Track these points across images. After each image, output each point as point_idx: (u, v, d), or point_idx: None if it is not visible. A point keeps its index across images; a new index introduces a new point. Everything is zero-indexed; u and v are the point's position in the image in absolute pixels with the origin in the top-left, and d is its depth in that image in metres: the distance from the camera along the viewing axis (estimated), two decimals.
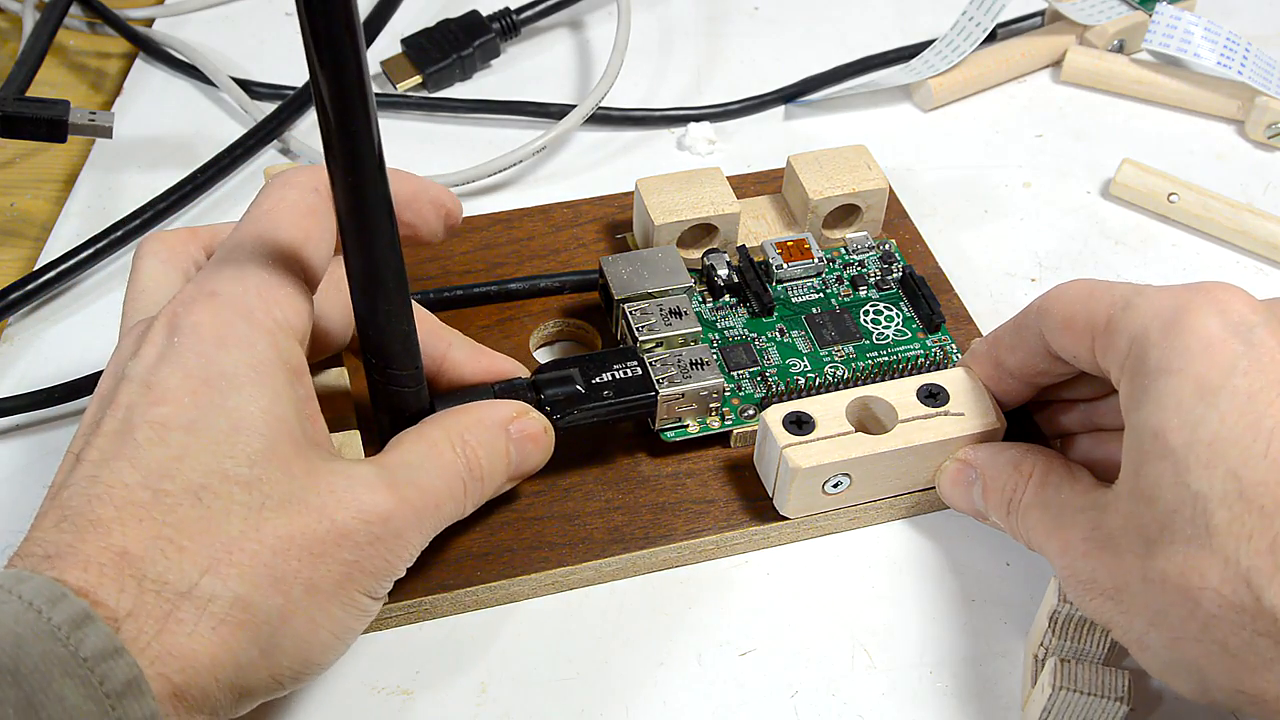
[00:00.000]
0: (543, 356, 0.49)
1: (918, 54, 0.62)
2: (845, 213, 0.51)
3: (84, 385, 0.46)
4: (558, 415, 0.41)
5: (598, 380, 0.42)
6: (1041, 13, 0.64)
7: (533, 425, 0.40)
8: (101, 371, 0.36)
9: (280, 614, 0.33)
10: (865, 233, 0.51)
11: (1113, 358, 0.37)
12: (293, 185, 0.37)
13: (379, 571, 0.35)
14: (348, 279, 0.35)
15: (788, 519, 0.44)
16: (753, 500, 0.44)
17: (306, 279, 0.36)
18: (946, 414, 0.43)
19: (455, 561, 0.42)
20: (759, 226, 0.51)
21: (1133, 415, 0.35)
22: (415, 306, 0.37)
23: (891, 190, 0.52)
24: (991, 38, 0.62)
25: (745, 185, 0.54)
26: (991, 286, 0.53)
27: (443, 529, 0.37)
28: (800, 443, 0.42)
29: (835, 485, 0.43)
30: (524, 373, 0.43)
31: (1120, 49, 0.63)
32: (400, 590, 0.41)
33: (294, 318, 0.35)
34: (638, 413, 0.43)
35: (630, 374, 0.43)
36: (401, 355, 0.37)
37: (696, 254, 0.50)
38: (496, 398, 0.41)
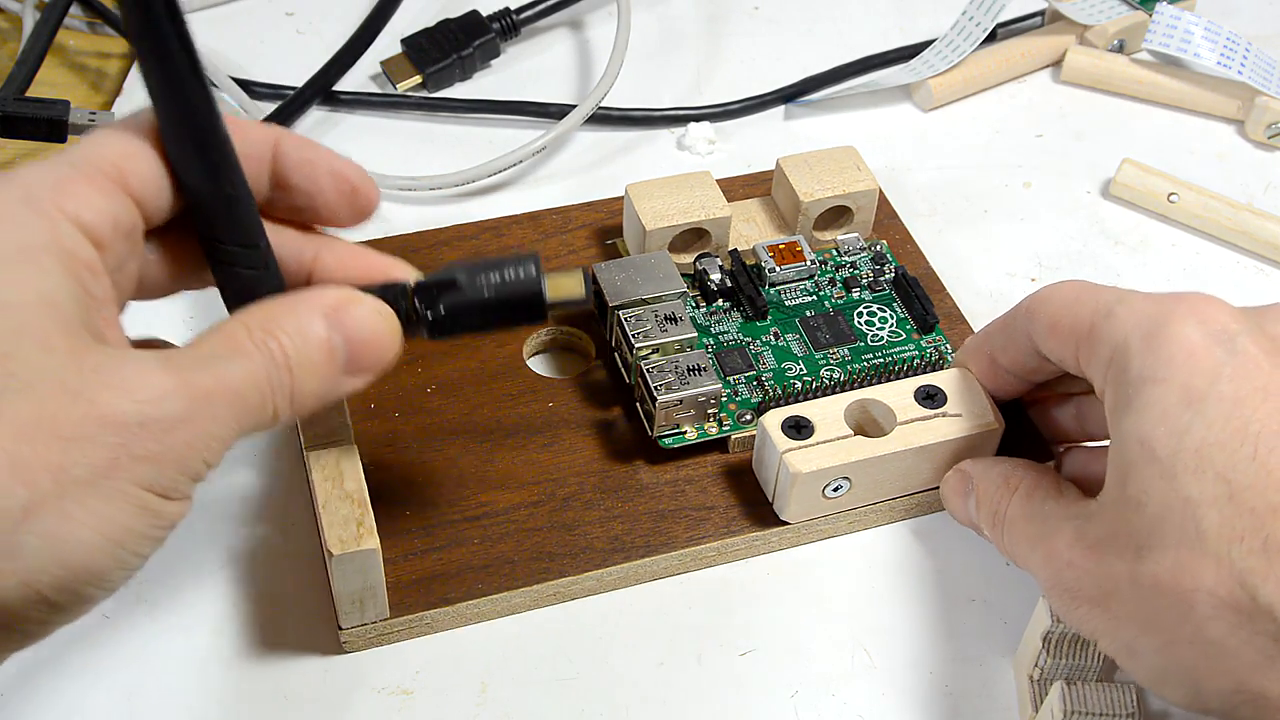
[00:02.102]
0: (536, 365, 0.49)
1: (918, 54, 0.61)
2: (836, 214, 0.51)
3: None
4: (432, 315, 0.36)
5: (482, 280, 0.36)
6: (1041, 13, 0.64)
7: (362, 311, 0.34)
8: None
9: (22, 507, 0.28)
10: (856, 234, 0.51)
11: (1096, 366, 0.37)
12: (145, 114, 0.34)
13: (158, 459, 0.30)
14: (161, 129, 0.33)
15: (788, 524, 0.44)
16: (753, 506, 0.44)
17: (129, 183, 0.32)
18: (945, 415, 0.43)
19: (456, 574, 0.42)
20: (750, 230, 0.51)
21: (1118, 423, 0.35)
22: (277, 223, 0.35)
23: (881, 191, 0.52)
24: (991, 38, 0.62)
25: (735, 188, 0.54)
26: (992, 287, 0.53)
27: (257, 425, 0.32)
28: (800, 447, 0.42)
29: (835, 489, 0.43)
30: (414, 277, 0.37)
31: (1120, 49, 0.63)
32: (401, 605, 0.41)
33: (88, 213, 0.31)
34: (523, 309, 0.37)
35: (523, 273, 0.36)
36: (228, 224, 0.34)
37: (688, 259, 0.50)
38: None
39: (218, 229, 0.34)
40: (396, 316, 0.35)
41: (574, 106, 0.57)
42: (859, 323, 0.49)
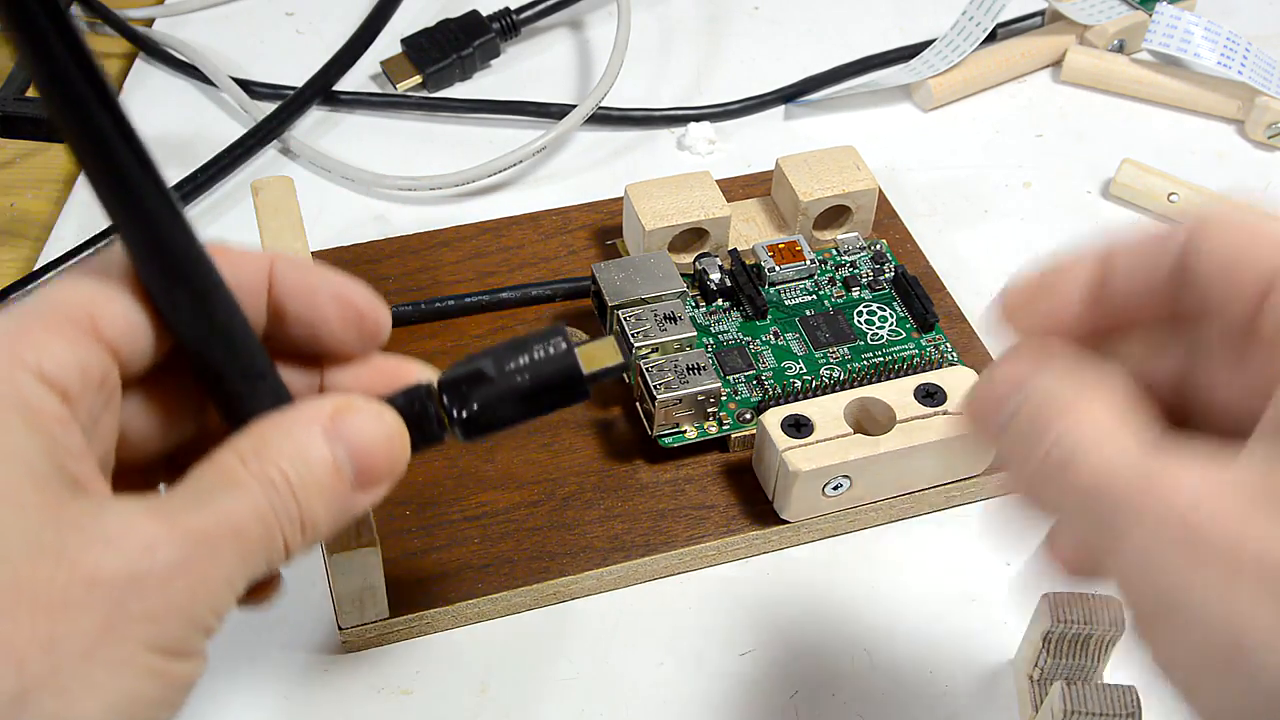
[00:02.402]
0: None
1: (918, 54, 0.61)
2: (835, 214, 0.51)
3: None
4: (465, 414, 0.32)
5: (511, 366, 0.32)
6: (1041, 13, 0.64)
7: (363, 419, 0.30)
8: None
9: (15, 694, 0.25)
10: (856, 233, 0.51)
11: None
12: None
13: (159, 615, 0.27)
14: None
15: (788, 522, 0.44)
16: (752, 504, 0.44)
17: (100, 329, 0.29)
18: (945, 413, 0.43)
19: (455, 574, 0.42)
20: (749, 229, 0.51)
21: None
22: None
23: (881, 191, 0.52)
24: (991, 38, 0.62)
25: (734, 188, 0.54)
26: (992, 287, 0.53)
27: (270, 561, 0.29)
28: (799, 446, 0.42)
29: (836, 487, 0.43)
30: (433, 376, 0.33)
31: (1120, 49, 0.63)
32: (401, 605, 0.41)
33: (50, 363, 0.28)
34: (561, 391, 0.33)
35: (553, 350, 0.32)
36: (228, 360, 0.30)
37: (688, 258, 0.50)
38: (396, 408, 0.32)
39: (216, 368, 0.30)
40: (423, 419, 0.32)
41: (574, 106, 0.57)
42: (859, 322, 0.49)
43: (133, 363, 0.30)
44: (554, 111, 0.59)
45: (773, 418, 0.43)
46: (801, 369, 0.47)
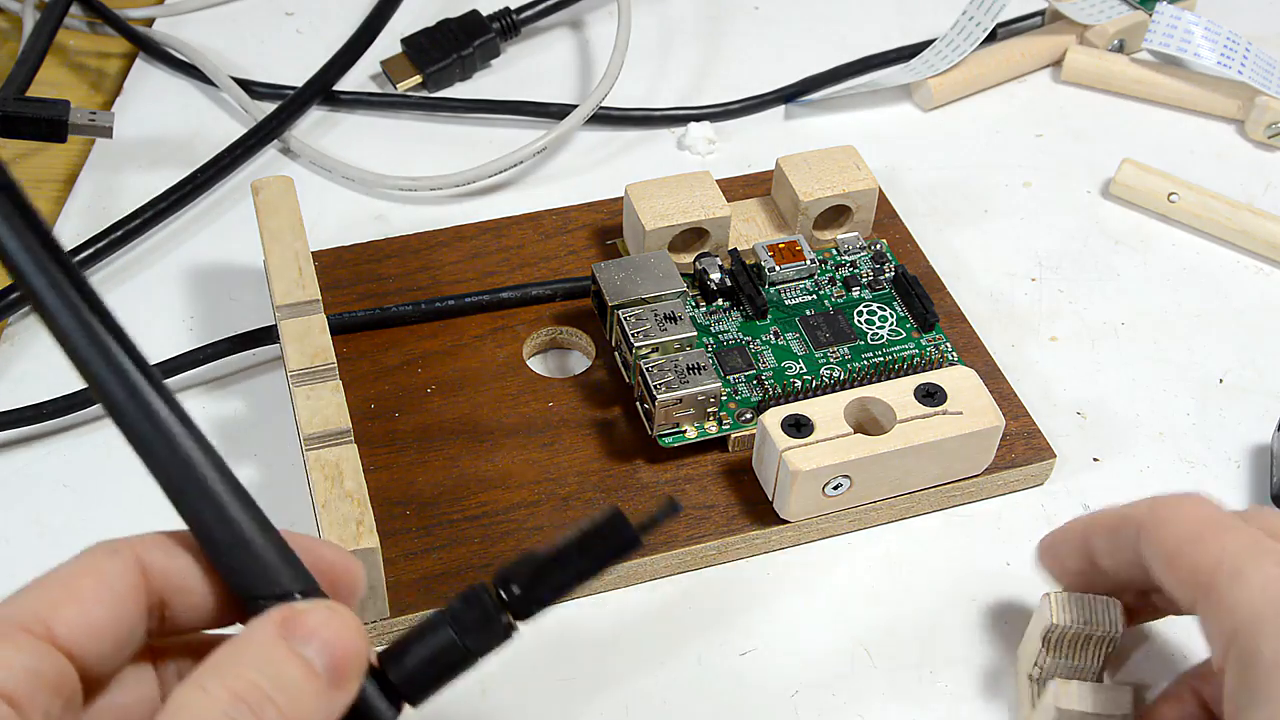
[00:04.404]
0: (536, 365, 0.49)
1: (918, 54, 0.61)
2: (835, 214, 0.51)
3: (77, 400, 0.46)
4: (519, 590, 0.31)
5: (564, 538, 0.31)
6: (1041, 13, 0.64)
7: (316, 616, 0.29)
8: None
9: None
10: (856, 233, 0.51)
11: (1216, 634, 0.32)
12: (87, 551, 0.30)
13: None
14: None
15: (788, 522, 0.44)
16: (753, 504, 0.44)
17: (55, 634, 0.28)
18: (945, 413, 0.43)
19: (456, 574, 0.42)
20: (749, 229, 0.51)
21: (1245, 713, 0.31)
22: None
23: (881, 190, 0.52)
24: (991, 38, 0.62)
25: (734, 188, 0.54)
26: (992, 287, 0.53)
27: None
28: (799, 445, 0.42)
29: (836, 487, 0.43)
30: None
31: (1120, 49, 0.63)
32: (401, 605, 0.41)
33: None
34: (612, 542, 0.31)
35: (600, 516, 0.31)
36: (259, 580, 0.30)
37: (688, 258, 0.50)
38: (453, 619, 0.31)
39: (255, 590, 0.30)
40: (485, 616, 0.31)
41: (574, 106, 0.57)
42: (859, 321, 0.49)
43: (100, 663, 0.29)
44: (554, 111, 0.59)
45: (773, 418, 0.43)
46: (801, 369, 0.47)
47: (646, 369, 0.44)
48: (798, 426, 0.42)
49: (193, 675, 0.28)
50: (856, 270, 0.50)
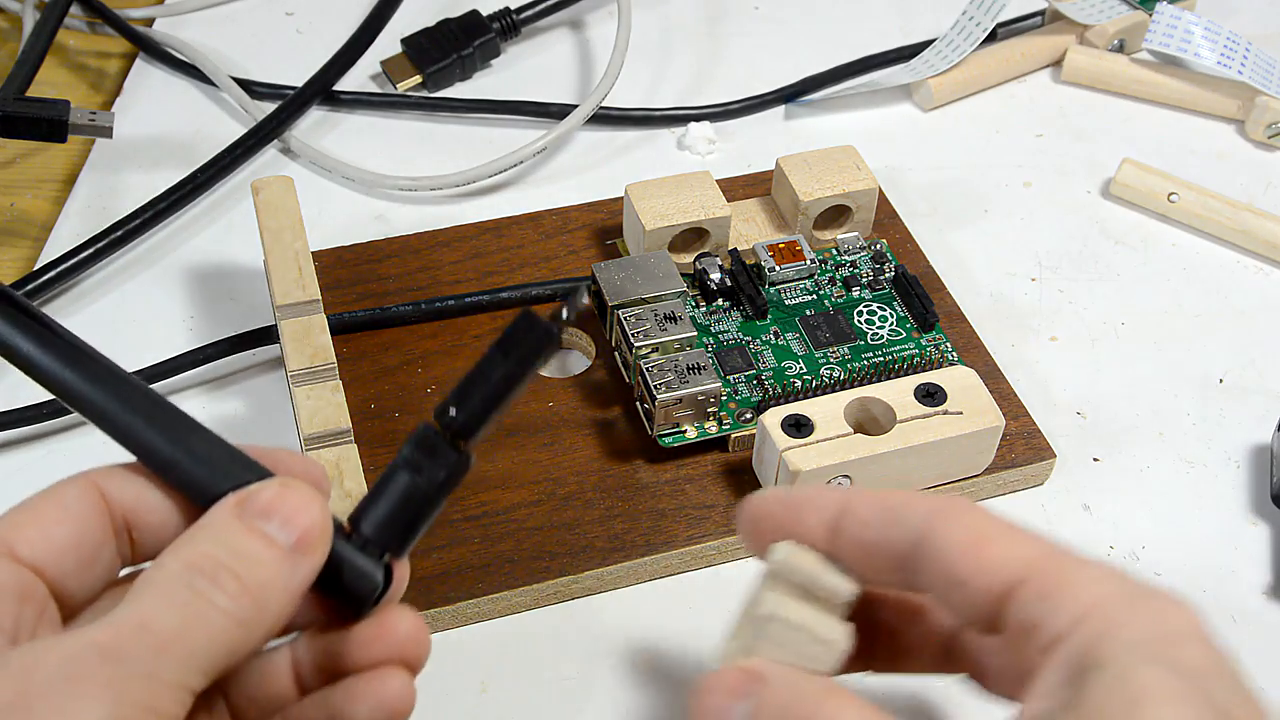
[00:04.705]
0: None
1: (918, 54, 0.61)
2: (835, 214, 0.51)
3: None
4: (456, 410, 0.31)
5: (486, 355, 0.31)
6: (1041, 13, 0.64)
7: (268, 491, 0.30)
8: None
9: None
10: (856, 233, 0.51)
11: (1029, 635, 0.30)
12: (53, 486, 0.31)
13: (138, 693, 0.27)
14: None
15: None
16: None
17: (16, 554, 0.30)
18: (945, 413, 0.43)
19: (456, 574, 0.42)
20: (750, 229, 0.51)
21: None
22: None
23: (881, 190, 0.52)
24: (991, 38, 0.62)
25: (734, 188, 0.54)
26: (992, 287, 0.53)
27: (225, 644, 0.28)
28: (800, 445, 0.42)
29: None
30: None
31: (1120, 49, 0.63)
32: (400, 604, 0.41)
33: None
34: (528, 338, 0.31)
35: (514, 323, 0.31)
36: (213, 482, 0.31)
37: (688, 258, 0.50)
38: (405, 463, 0.32)
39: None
40: (436, 449, 0.32)
41: (574, 106, 0.57)
42: (859, 321, 0.49)
43: (69, 579, 0.30)
44: (554, 111, 0.59)
45: (773, 418, 0.43)
46: (801, 369, 0.47)
47: (646, 369, 0.44)
48: (798, 426, 0.42)
49: (158, 559, 0.29)
50: (856, 270, 0.50)
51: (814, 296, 0.49)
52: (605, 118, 0.59)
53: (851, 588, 0.32)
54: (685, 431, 0.45)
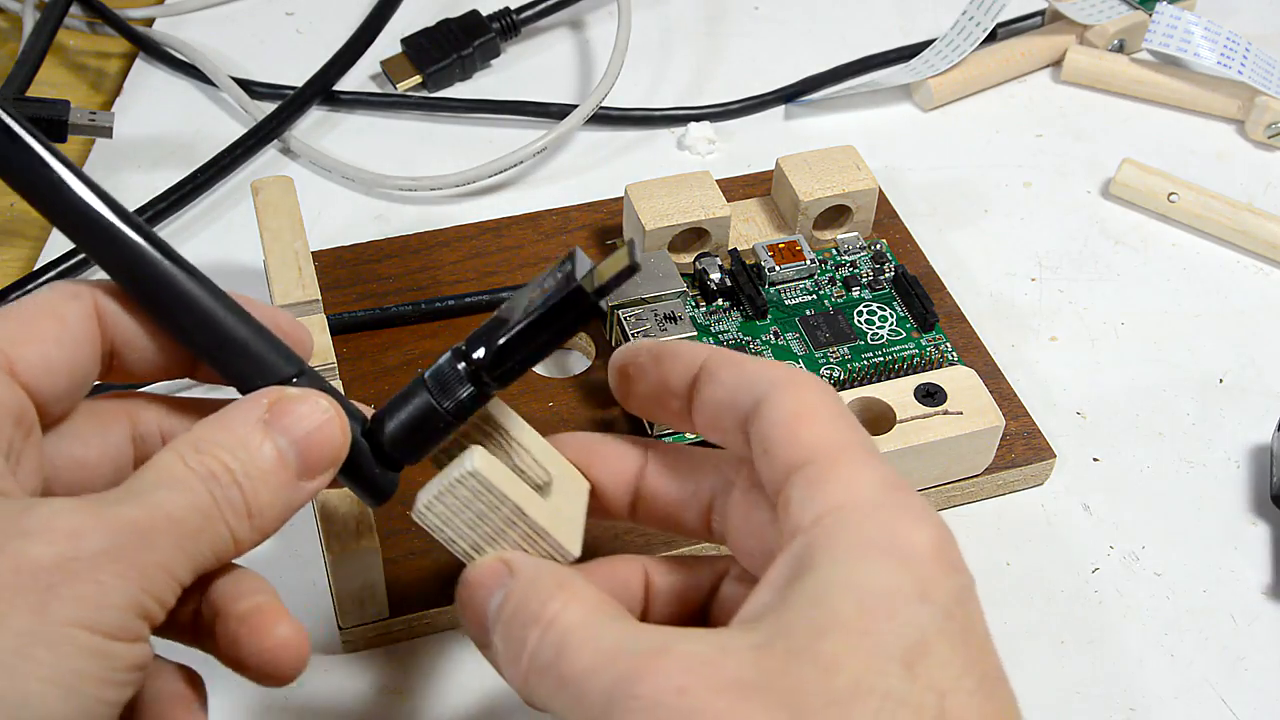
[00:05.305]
0: (536, 365, 0.49)
1: (918, 54, 0.62)
2: (835, 214, 0.51)
3: None
4: (487, 357, 0.32)
5: (527, 302, 0.32)
6: (1041, 13, 0.64)
7: (303, 408, 0.31)
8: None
9: None
10: (856, 233, 0.51)
11: (789, 517, 0.30)
12: (49, 289, 0.32)
13: (92, 599, 0.27)
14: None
15: None
16: None
17: (16, 370, 0.30)
18: (945, 413, 0.43)
19: (456, 574, 0.42)
20: (749, 229, 0.51)
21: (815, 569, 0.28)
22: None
23: (881, 190, 0.52)
24: (991, 38, 0.62)
25: (734, 188, 0.54)
26: (992, 287, 0.53)
27: (215, 549, 0.29)
28: None
29: None
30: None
31: (1120, 49, 0.63)
32: (401, 605, 0.41)
33: None
34: (571, 309, 0.32)
35: (560, 274, 0.32)
36: (252, 371, 0.32)
37: (688, 258, 0.50)
38: (423, 383, 0.33)
39: (245, 382, 0.32)
40: (452, 379, 0.32)
41: (574, 106, 0.57)
42: (859, 321, 0.49)
43: (54, 401, 0.31)
44: (554, 111, 0.59)
45: None
46: (802, 369, 0.47)
47: None
48: None
49: (181, 440, 0.30)
50: (856, 270, 0.50)
51: (814, 296, 0.49)
52: (605, 118, 0.59)
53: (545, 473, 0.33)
54: (685, 432, 0.45)
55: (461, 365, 0.32)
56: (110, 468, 0.33)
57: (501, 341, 0.32)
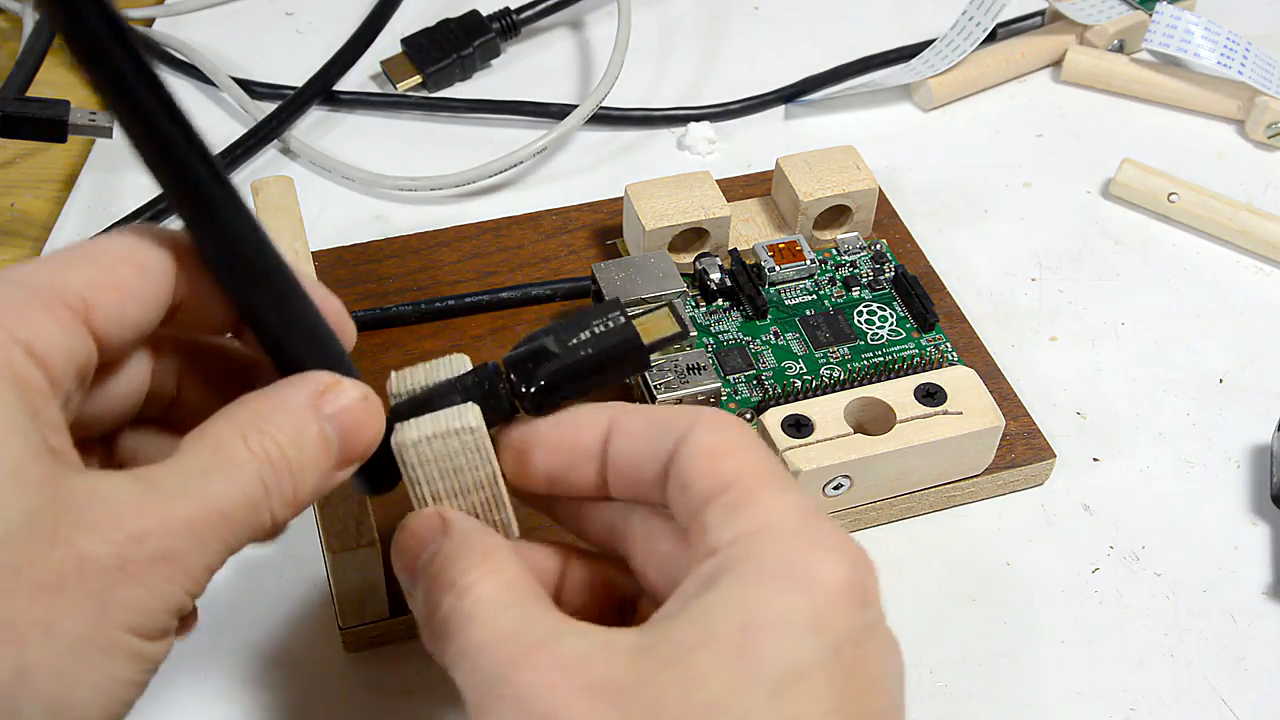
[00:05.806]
0: None
1: (918, 54, 0.62)
2: (835, 214, 0.51)
3: None
4: (533, 389, 0.33)
5: (574, 341, 0.33)
6: (1041, 13, 0.64)
7: (350, 397, 0.30)
8: None
9: (16, 671, 0.25)
10: (856, 233, 0.51)
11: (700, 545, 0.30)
12: (130, 233, 0.30)
13: (142, 603, 0.27)
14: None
15: None
16: None
17: (93, 319, 0.29)
18: (945, 413, 0.43)
19: None
20: (749, 229, 0.52)
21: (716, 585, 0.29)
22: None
23: (881, 191, 0.52)
24: (991, 38, 0.62)
25: (734, 188, 0.54)
26: (991, 287, 0.53)
27: (251, 539, 0.29)
28: (800, 445, 0.42)
29: (836, 487, 0.43)
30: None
31: (1120, 49, 0.63)
32: (400, 605, 0.41)
33: (40, 341, 0.28)
34: (624, 361, 0.33)
35: (613, 324, 0.33)
36: (305, 352, 0.31)
37: (688, 258, 0.50)
38: (461, 391, 0.33)
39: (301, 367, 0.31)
40: (492, 396, 0.33)
41: (574, 106, 0.57)
42: (859, 321, 0.49)
43: (112, 352, 0.30)
44: (554, 111, 0.59)
45: (773, 418, 0.43)
46: (801, 369, 0.47)
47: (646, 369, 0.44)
48: (798, 426, 0.42)
49: (242, 414, 0.29)
50: (856, 270, 0.50)
51: (814, 296, 0.49)
52: (605, 118, 0.59)
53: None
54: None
55: (502, 388, 0.33)
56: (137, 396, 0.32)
57: (549, 378, 0.33)
